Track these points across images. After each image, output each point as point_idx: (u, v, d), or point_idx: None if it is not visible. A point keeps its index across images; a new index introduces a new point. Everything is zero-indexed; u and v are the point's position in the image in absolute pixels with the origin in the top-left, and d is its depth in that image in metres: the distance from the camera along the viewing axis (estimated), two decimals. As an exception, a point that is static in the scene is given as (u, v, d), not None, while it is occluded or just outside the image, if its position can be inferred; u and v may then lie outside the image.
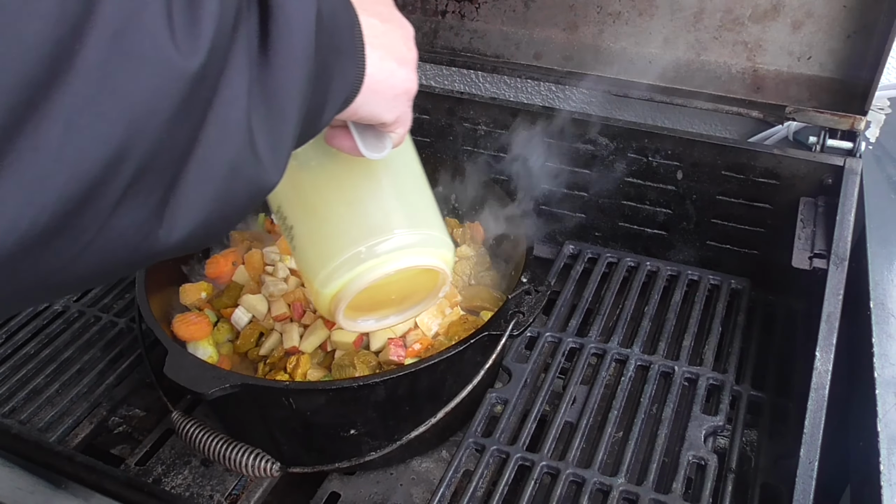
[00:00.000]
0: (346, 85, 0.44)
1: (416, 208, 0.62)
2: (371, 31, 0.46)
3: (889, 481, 0.57)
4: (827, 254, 0.78)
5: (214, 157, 0.34)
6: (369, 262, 0.57)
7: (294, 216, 0.61)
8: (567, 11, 0.98)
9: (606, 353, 0.85)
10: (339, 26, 0.41)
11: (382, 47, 0.47)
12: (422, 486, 0.79)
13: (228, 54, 0.34)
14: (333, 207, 0.59)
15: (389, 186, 0.61)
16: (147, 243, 0.34)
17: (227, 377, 0.66)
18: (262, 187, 0.38)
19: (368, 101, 0.47)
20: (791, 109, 0.88)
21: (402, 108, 0.51)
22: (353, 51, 0.44)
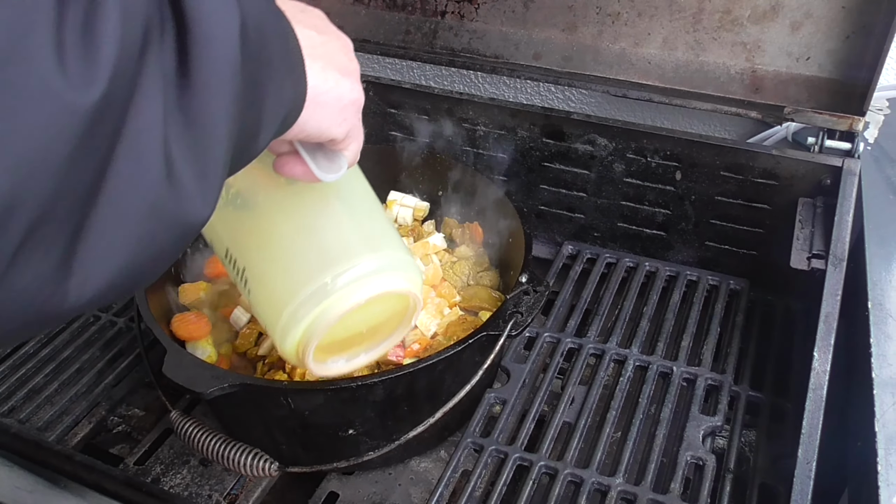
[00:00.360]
0: (285, 101, 0.41)
1: (374, 231, 0.58)
2: (308, 43, 0.43)
3: (886, 481, 0.57)
4: (825, 254, 0.78)
5: (128, 196, 0.30)
6: (335, 295, 0.53)
7: (245, 258, 0.57)
8: (566, 12, 0.98)
9: (605, 354, 0.85)
10: (268, 37, 0.38)
11: (322, 58, 0.45)
12: (420, 485, 0.79)
13: (137, 79, 0.30)
14: (287, 241, 0.55)
15: (344, 211, 0.57)
16: (55, 300, 0.30)
17: (226, 377, 0.66)
18: (191, 223, 0.34)
19: (314, 117, 0.44)
20: (790, 110, 0.88)
21: (351, 122, 0.48)
22: (290, 63, 0.41)
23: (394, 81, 1.08)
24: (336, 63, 0.46)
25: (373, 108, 1.10)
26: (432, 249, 0.92)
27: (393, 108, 1.09)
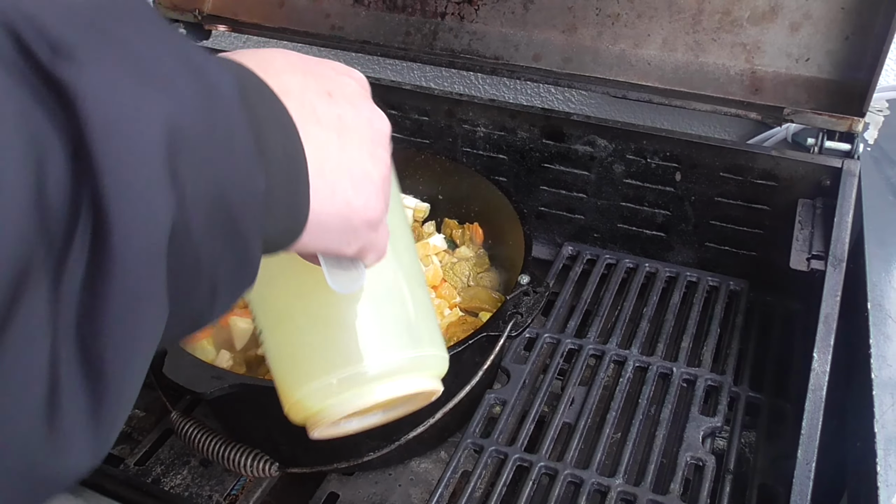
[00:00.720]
0: (252, 264, 0.34)
1: (419, 322, 0.52)
2: (321, 154, 0.37)
3: (886, 482, 0.57)
4: (825, 255, 0.78)
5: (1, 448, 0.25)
6: (344, 395, 0.48)
7: (262, 322, 0.52)
8: (566, 13, 0.98)
9: (605, 354, 0.85)
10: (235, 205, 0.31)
11: (336, 172, 0.38)
12: (420, 486, 0.79)
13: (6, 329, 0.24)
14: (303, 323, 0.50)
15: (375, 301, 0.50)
16: None
17: (227, 377, 0.66)
18: (71, 475, 0.28)
19: (318, 239, 0.39)
20: (789, 111, 0.88)
21: (363, 239, 0.41)
22: (285, 203, 0.35)
23: (394, 83, 1.08)
24: (352, 174, 0.39)
25: (373, 110, 1.10)
26: (432, 250, 0.92)
27: (393, 109, 1.09)
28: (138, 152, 0.27)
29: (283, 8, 1.14)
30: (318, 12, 1.12)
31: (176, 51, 0.30)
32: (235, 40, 1.38)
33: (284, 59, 0.39)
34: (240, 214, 0.32)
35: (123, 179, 0.26)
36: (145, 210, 0.27)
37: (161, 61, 0.29)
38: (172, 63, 0.30)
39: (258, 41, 1.36)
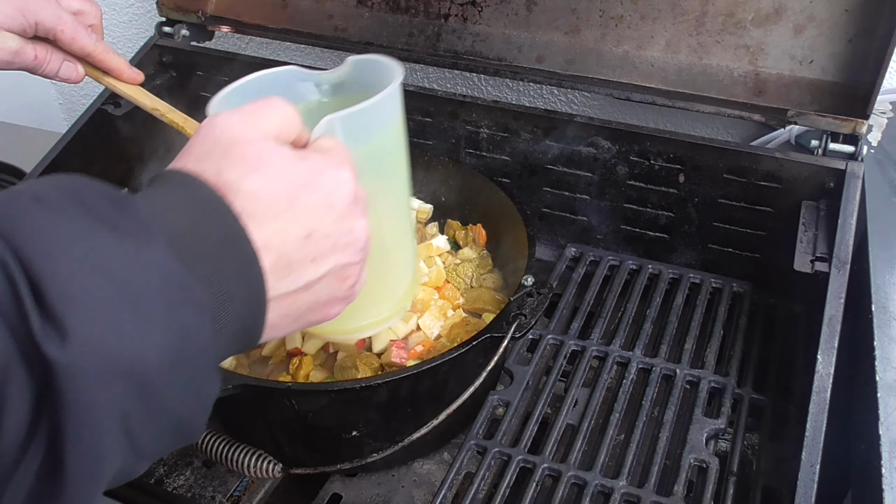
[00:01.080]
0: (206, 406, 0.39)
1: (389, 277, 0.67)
2: (282, 312, 0.42)
3: (891, 484, 0.57)
4: (828, 257, 0.78)
5: None
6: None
7: None
8: (569, 15, 0.98)
9: (608, 356, 0.85)
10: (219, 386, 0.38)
11: (294, 317, 0.43)
12: (423, 487, 0.79)
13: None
14: None
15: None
16: None
17: (230, 378, 0.67)
18: None
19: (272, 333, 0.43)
20: (793, 113, 0.88)
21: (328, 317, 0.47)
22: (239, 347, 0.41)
23: (397, 84, 1.08)
24: (313, 310, 0.45)
25: (376, 111, 1.10)
26: (436, 252, 0.92)
27: (396, 111, 1.09)
28: (97, 415, 0.31)
29: (286, 9, 1.14)
30: (322, 14, 1.12)
31: (163, 278, 0.34)
32: (239, 41, 1.38)
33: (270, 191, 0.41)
34: (193, 420, 0.37)
35: (81, 442, 0.31)
36: (96, 466, 0.32)
37: (146, 297, 0.33)
38: (156, 297, 0.34)
39: (261, 42, 1.36)
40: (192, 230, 0.37)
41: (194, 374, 0.35)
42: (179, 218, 0.37)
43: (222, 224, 0.38)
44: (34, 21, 0.68)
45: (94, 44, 0.73)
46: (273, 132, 0.44)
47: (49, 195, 0.33)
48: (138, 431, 0.33)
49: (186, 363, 0.35)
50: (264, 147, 0.42)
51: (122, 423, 0.32)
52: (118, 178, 1.04)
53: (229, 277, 0.38)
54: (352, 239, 0.45)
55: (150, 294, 0.33)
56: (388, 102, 0.61)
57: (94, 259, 0.32)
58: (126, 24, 1.51)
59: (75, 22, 0.71)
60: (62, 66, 0.73)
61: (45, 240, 0.31)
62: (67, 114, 1.74)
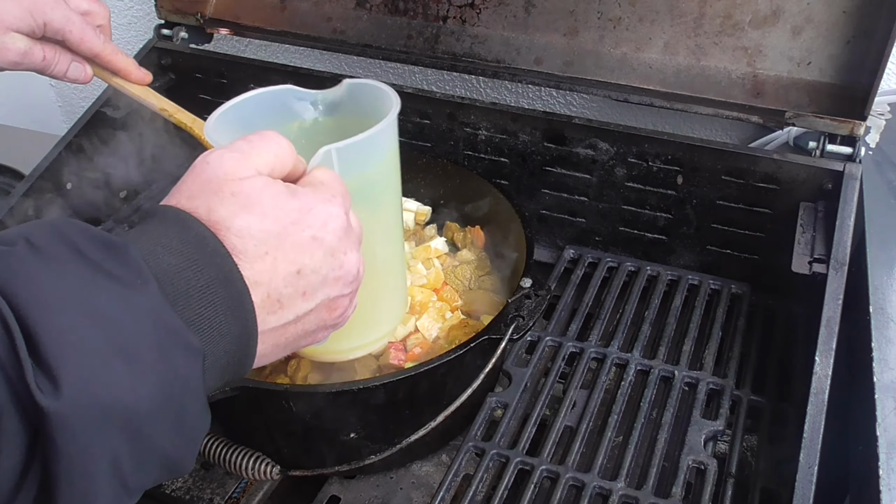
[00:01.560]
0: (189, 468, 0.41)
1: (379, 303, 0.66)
2: (272, 343, 0.44)
3: (888, 486, 0.57)
4: (826, 258, 0.78)
5: None
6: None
7: None
8: (568, 17, 0.98)
9: (606, 358, 0.85)
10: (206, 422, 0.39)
11: (283, 347, 0.45)
12: (421, 489, 0.79)
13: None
14: None
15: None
16: None
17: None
18: None
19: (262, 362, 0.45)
20: (791, 115, 0.88)
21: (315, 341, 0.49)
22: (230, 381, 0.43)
23: (396, 86, 1.08)
24: (303, 339, 0.46)
25: (375, 113, 1.10)
26: (434, 254, 0.92)
27: (395, 113, 1.09)
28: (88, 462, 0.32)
29: (284, 12, 1.14)
30: (320, 16, 1.12)
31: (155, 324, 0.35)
32: (237, 43, 1.39)
33: (260, 229, 0.42)
34: (182, 459, 0.39)
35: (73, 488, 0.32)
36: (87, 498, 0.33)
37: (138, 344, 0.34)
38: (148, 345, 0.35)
39: (260, 44, 1.36)
40: (184, 270, 0.38)
41: (184, 414, 0.37)
42: (171, 259, 0.38)
43: (214, 263, 0.39)
44: (43, 22, 0.69)
45: (103, 44, 0.73)
46: (266, 168, 0.45)
47: (43, 240, 0.34)
48: (128, 472, 0.35)
49: (177, 405, 0.36)
50: (256, 184, 0.43)
51: (112, 466, 0.33)
52: (117, 182, 1.04)
53: (220, 315, 0.39)
54: (342, 273, 0.47)
55: (142, 341, 0.34)
56: (385, 132, 0.62)
57: (88, 308, 0.33)
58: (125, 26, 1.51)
59: (84, 23, 0.72)
60: (70, 67, 0.73)
61: (39, 288, 0.32)
62: (67, 116, 1.74)
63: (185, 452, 0.39)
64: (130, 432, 0.34)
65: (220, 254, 0.40)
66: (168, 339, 0.36)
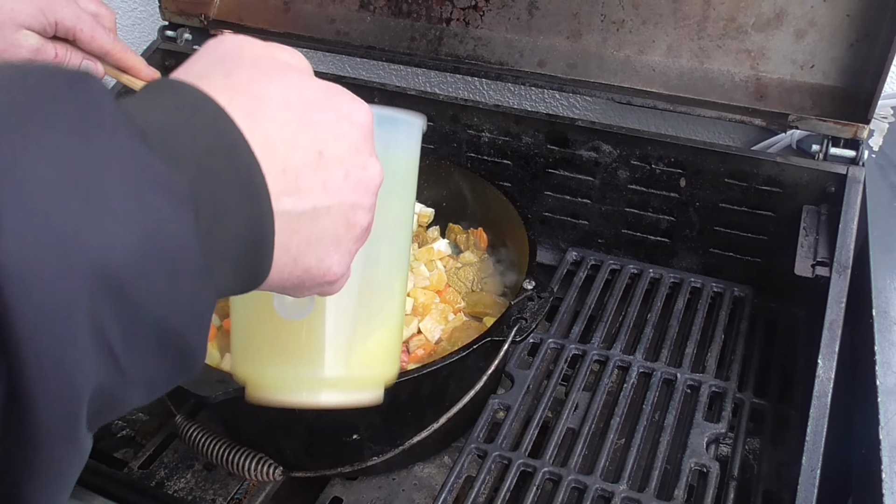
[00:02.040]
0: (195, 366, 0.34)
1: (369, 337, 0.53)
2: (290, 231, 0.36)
3: (891, 489, 0.57)
4: (829, 262, 0.78)
5: None
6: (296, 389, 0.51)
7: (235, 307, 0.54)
8: (571, 19, 0.98)
9: (609, 360, 0.85)
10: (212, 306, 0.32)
11: (303, 247, 0.37)
12: (424, 491, 0.79)
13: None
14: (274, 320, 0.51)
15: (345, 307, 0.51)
16: None
17: (231, 381, 0.66)
18: None
19: (272, 288, 0.38)
20: (794, 118, 0.88)
21: (316, 291, 0.41)
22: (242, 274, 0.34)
23: (399, 88, 1.09)
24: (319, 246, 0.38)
25: (378, 115, 1.10)
26: (437, 255, 0.93)
27: (398, 115, 1.09)
28: (58, 320, 0.25)
29: (288, 13, 1.14)
30: (324, 17, 1.12)
31: (124, 163, 0.28)
32: (241, 45, 1.39)
33: (282, 98, 0.36)
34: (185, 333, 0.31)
35: (42, 353, 0.25)
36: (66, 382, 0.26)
37: (102, 182, 0.27)
38: (116, 183, 0.28)
39: (264, 46, 1.36)
40: (178, 130, 0.31)
41: (178, 273, 0.30)
42: (159, 116, 0.31)
43: (216, 128, 0.32)
44: (54, 20, 0.69)
45: (113, 43, 0.74)
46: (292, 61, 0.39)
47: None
48: (114, 340, 0.28)
49: (166, 261, 0.29)
50: (279, 59, 0.38)
51: (90, 326, 0.26)
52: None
53: (224, 188, 0.32)
54: (365, 176, 0.39)
55: (112, 183, 0.27)
56: (406, 130, 0.59)
57: (39, 145, 0.26)
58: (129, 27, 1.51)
59: (94, 21, 0.73)
60: (82, 65, 0.74)
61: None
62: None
63: (187, 323, 0.31)
64: (107, 287, 0.27)
65: (222, 118, 0.33)
66: (145, 180, 0.28)
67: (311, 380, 0.51)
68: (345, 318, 0.52)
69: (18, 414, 0.25)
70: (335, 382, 0.51)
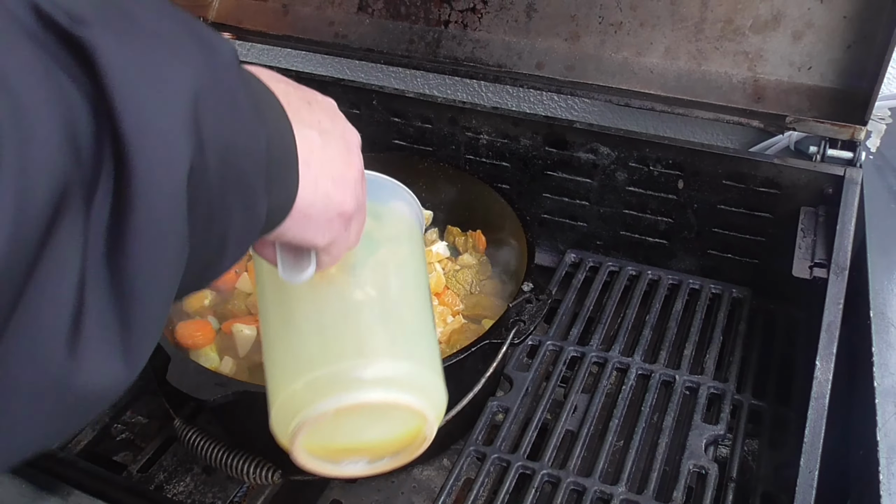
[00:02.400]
0: (258, 217, 0.38)
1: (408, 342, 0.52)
2: (307, 147, 0.40)
3: (888, 491, 0.57)
4: (827, 263, 0.78)
5: (25, 364, 0.27)
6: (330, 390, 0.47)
7: (263, 321, 0.53)
8: (569, 21, 0.98)
9: (608, 362, 0.85)
10: (239, 159, 0.35)
11: (318, 165, 0.41)
12: (423, 494, 0.79)
13: (44, 248, 0.27)
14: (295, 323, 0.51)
15: (371, 303, 0.51)
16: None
17: (230, 384, 0.67)
18: (101, 392, 0.30)
19: (296, 227, 0.42)
20: (791, 119, 0.88)
21: (335, 232, 0.45)
22: (273, 176, 0.38)
23: (397, 90, 1.09)
24: (332, 171, 0.43)
25: (376, 118, 1.10)
26: (435, 258, 0.93)
27: (396, 117, 1.09)
28: (155, 98, 0.30)
29: (287, 16, 1.15)
30: (323, 20, 1.13)
31: (181, 22, 0.33)
32: (240, 48, 1.39)
33: (268, 72, 0.42)
34: (247, 166, 0.35)
35: (143, 122, 0.29)
36: (165, 150, 0.30)
37: (168, 29, 0.32)
38: (179, 31, 0.32)
39: (262, 49, 1.36)
40: None
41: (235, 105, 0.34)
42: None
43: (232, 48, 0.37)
44: None
45: None
46: None
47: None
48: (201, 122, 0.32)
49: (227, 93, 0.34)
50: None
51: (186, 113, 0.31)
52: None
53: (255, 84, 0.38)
54: (348, 128, 0.46)
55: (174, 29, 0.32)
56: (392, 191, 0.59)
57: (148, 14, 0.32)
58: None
59: None
60: None
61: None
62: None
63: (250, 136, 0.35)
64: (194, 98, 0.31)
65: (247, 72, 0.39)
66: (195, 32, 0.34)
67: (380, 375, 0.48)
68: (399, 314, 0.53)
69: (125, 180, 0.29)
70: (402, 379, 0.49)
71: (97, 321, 0.29)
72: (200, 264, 0.35)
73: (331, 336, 0.50)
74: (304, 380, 0.48)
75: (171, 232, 0.31)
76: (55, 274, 0.27)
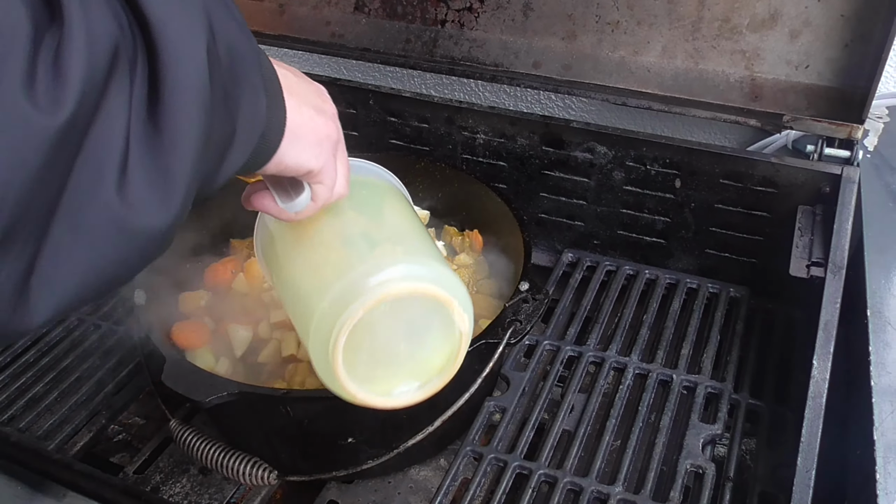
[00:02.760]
0: (259, 116, 0.43)
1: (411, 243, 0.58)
2: (286, 81, 0.47)
3: (885, 490, 0.57)
4: (824, 262, 0.78)
5: (83, 209, 0.33)
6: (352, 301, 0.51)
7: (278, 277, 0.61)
8: (566, 21, 0.98)
9: (605, 362, 0.85)
10: (240, 55, 0.40)
11: (297, 95, 0.48)
12: (419, 494, 0.79)
13: (102, 100, 0.32)
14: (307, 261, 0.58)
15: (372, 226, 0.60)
16: (14, 318, 0.32)
17: (225, 385, 0.66)
18: (148, 231, 0.35)
19: (293, 147, 0.47)
20: (789, 118, 0.88)
21: (326, 156, 0.50)
22: (264, 84, 0.43)
23: (394, 90, 1.09)
24: (311, 101, 0.49)
25: (373, 117, 1.10)
26: (432, 257, 0.92)
27: (393, 117, 1.09)
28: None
29: (283, 16, 1.14)
30: (319, 20, 1.12)
31: None
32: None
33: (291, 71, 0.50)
34: (246, 65, 0.41)
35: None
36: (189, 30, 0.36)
37: None
38: None
39: (259, 49, 1.36)
40: None
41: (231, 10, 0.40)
42: None
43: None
44: None
45: None
46: None
47: None
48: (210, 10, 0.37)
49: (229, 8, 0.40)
50: None
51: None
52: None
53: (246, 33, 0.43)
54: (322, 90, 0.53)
55: None
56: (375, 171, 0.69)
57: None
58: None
59: None
60: None
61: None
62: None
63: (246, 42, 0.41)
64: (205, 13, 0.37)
65: None
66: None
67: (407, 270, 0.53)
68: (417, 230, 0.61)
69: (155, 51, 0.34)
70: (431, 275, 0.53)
71: (140, 166, 0.34)
72: (216, 149, 0.39)
73: (343, 256, 0.55)
74: (327, 299, 0.52)
75: (199, 96, 0.36)
76: (111, 120, 0.33)
